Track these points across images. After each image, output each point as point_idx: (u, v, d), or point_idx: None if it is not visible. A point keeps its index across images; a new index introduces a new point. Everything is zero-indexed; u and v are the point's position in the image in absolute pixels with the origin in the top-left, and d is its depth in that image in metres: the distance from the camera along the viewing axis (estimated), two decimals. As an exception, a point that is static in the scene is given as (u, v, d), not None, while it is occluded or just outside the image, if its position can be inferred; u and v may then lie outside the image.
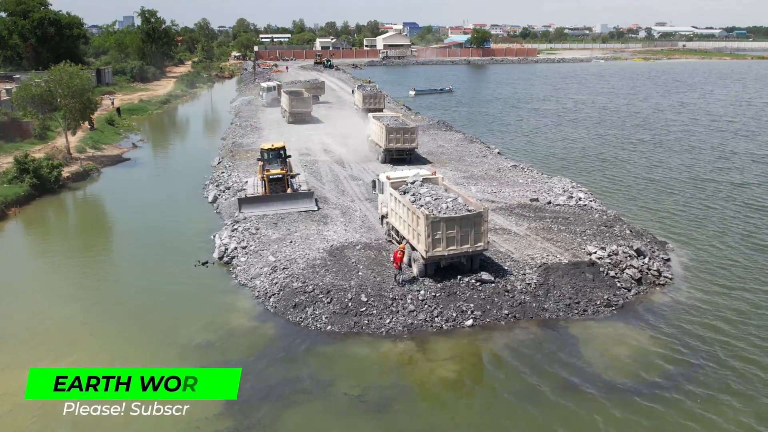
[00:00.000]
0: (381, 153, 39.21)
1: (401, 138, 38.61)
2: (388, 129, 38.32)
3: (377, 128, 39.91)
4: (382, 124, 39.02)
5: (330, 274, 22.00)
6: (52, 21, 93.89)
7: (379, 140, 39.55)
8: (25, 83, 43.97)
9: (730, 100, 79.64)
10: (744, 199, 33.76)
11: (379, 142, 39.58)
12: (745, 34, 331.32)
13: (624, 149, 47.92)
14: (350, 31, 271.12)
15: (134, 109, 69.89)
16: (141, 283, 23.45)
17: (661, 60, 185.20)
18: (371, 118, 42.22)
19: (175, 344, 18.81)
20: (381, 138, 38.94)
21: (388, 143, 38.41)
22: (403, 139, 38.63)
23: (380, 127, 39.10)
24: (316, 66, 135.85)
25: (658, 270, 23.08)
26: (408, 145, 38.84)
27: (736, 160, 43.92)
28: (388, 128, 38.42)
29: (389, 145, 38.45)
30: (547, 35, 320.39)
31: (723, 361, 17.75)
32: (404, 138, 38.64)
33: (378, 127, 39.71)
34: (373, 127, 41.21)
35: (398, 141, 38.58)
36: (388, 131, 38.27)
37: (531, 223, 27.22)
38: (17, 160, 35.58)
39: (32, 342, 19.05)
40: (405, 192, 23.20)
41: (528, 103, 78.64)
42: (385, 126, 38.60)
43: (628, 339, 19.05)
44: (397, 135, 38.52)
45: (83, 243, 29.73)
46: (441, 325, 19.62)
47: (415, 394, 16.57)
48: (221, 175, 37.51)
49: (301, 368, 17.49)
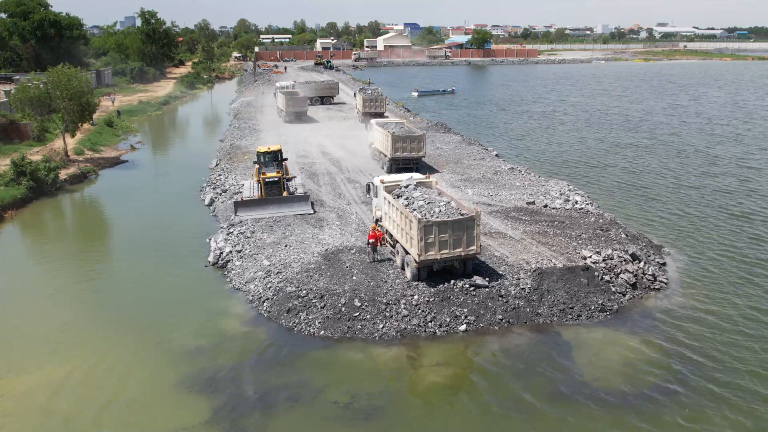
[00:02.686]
0: (386, 162, 37.44)
1: (408, 147, 36.77)
2: (394, 137, 36.43)
3: (382, 136, 38.14)
4: (388, 132, 37.13)
5: (324, 279, 21.96)
6: (52, 22, 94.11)
7: (384, 149, 37.88)
8: (23, 85, 43.93)
9: (722, 104, 79.34)
10: (742, 204, 33.64)
11: (384, 151, 37.90)
12: (747, 34, 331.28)
13: (624, 150, 47.79)
14: (351, 32, 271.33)
15: (133, 111, 69.95)
16: (135, 287, 23.43)
17: (661, 61, 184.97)
18: (374, 125, 40.45)
19: (166, 349, 18.79)
20: (386, 147, 37.16)
21: (394, 152, 36.56)
22: (410, 147, 36.82)
23: (385, 135, 37.25)
24: (317, 67, 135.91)
25: (653, 275, 23.02)
26: (415, 154, 37.03)
27: (735, 164, 43.77)
28: (395, 136, 36.54)
29: (395, 154, 36.59)
30: (548, 36, 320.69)
31: (717, 368, 17.67)
32: (411, 147, 36.83)
33: (383, 135, 37.89)
34: (376, 135, 39.49)
35: (405, 150, 36.73)
36: (394, 140, 36.38)
37: (527, 226, 27.16)
38: (14, 162, 35.59)
39: (24, 346, 19.04)
40: (398, 196, 23.18)
41: (527, 105, 78.51)
42: (391, 134, 36.71)
43: (621, 344, 18.98)
44: (403, 143, 36.68)
45: (79, 246, 29.72)
46: (434, 330, 19.56)
47: (406, 401, 16.52)
48: (218, 178, 37.51)
49: (292, 374, 17.44)
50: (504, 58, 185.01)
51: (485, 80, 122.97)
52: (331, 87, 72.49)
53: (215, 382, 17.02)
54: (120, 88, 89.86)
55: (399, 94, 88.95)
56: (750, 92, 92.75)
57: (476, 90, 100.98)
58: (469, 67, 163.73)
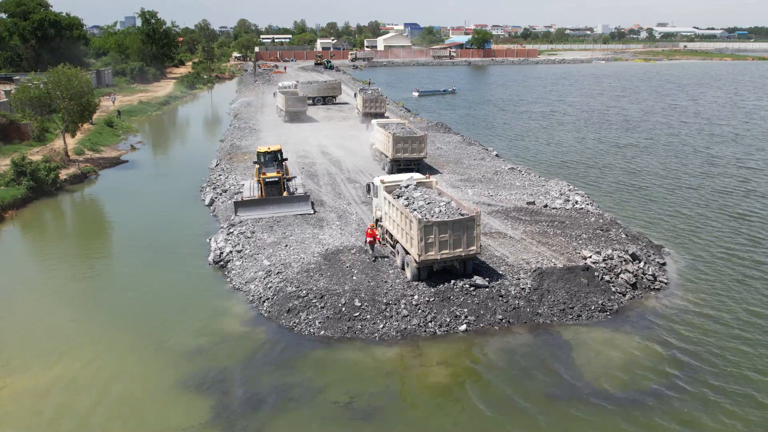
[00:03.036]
0: (387, 163, 37.35)
1: (409, 147, 36.70)
2: (395, 138, 36.36)
3: (383, 137, 38.10)
4: (389, 133, 37.11)
5: (324, 279, 21.97)
6: (53, 22, 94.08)
7: (385, 150, 37.83)
8: (23, 85, 43.94)
9: (722, 104, 79.32)
10: (742, 205, 33.65)
11: (385, 152, 37.85)
12: (747, 34, 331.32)
13: (624, 150, 47.79)
14: (351, 32, 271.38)
15: (133, 111, 69.95)
16: (135, 287, 23.42)
17: (661, 61, 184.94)
18: (375, 126, 40.33)
19: (166, 349, 18.80)
20: (387, 148, 37.10)
21: (396, 153, 36.49)
22: (411, 148, 36.75)
23: (386, 135, 37.21)
24: (317, 67, 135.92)
25: (653, 275, 23.01)
26: (416, 154, 36.97)
27: (735, 165, 43.78)
28: (396, 137, 36.45)
29: (397, 155, 36.51)
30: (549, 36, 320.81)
31: (717, 369, 17.66)
32: (412, 147, 36.75)
33: (384, 135, 37.84)
34: (377, 136, 39.44)
35: (406, 151, 36.66)
36: (395, 140, 36.30)
37: (527, 226, 27.16)
38: (14, 162, 35.60)
39: (24, 346, 19.05)
40: (398, 196, 23.18)
41: (527, 105, 78.51)
42: (392, 135, 36.64)
43: (621, 345, 18.97)
44: (404, 144, 36.59)
45: (79, 246, 29.72)
46: (434, 330, 19.57)
47: (405, 401, 16.52)
48: (218, 178, 37.52)
49: (291, 375, 17.43)
50: (504, 58, 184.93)
51: (485, 80, 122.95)
52: (334, 87, 72.25)
53: (215, 382, 17.02)
54: (120, 88, 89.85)
55: (399, 94, 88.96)
56: (750, 92, 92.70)
57: (476, 90, 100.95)
58: (469, 67, 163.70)
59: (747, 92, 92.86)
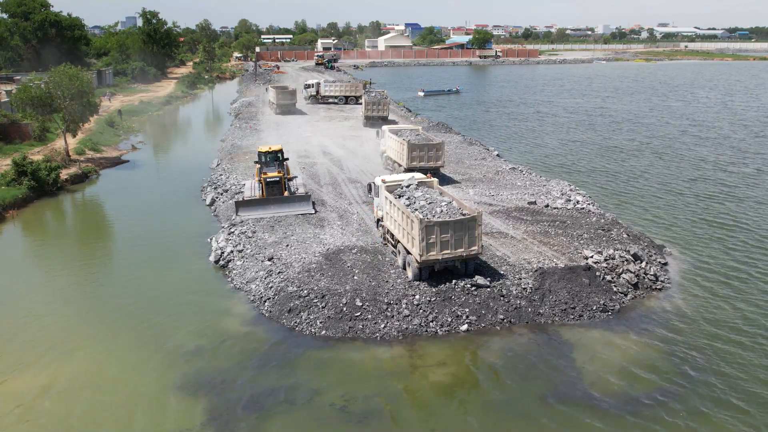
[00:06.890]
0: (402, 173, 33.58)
1: (425, 156, 34.12)
2: (410, 146, 33.83)
3: (396, 144, 35.41)
4: (403, 140, 34.52)
5: (325, 279, 21.93)
6: (53, 22, 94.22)
7: (398, 158, 35.18)
8: (24, 85, 43.95)
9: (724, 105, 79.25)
10: (743, 205, 33.59)
11: (398, 161, 35.23)
12: (748, 35, 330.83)
13: (625, 151, 47.75)
14: (352, 32, 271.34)
15: (134, 111, 69.96)
16: (136, 287, 23.41)
17: (662, 61, 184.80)
18: (387, 132, 37.56)
19: (166, 349, 18.76)
20: (402, 156, 34.47)
21: (411, 162, 33.70)
22: (428, 156, 34.16)
23: (400, 143, 34.66)
24: (318, 67, 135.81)
25: (655, 275, 22.97)
26: (433, 163, 34.21)
27: (737, 166, 43.72)
28: (411, 145, 33.92)
29: (412, 164, 33.62)
30: (550, 36, 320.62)
31: (718, 370, 17.61)
32: (429, 156, 34.18)
33: (397, 143, 35.21)
34: (390, 143, 36.64)
35: (422, 159, 34.01)
36: (410, 148, 33.77)
37: (528, 226, 27.12)
38: (15, 162, 35.61)
39: (25, 346, 19.03)
40: (400, 196, 23.15)
41: (528, 105, 78.43)
42: (407, 142, 34.06)
43: (623, 345, 18.93)
44: (420, 152, 34.04)
45: (80, 246, 29.71)
46: (436, 330, 19.53)
47: (405, 402, 16.46)
48: (219, 178, 37.49)
49: (291, 376, 17.38)
50: (505, 59, 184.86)
51: (486, 80, 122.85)
52: (357, 87, 68.90)
53: (214, 383, 16.98)
54: (121, 88, 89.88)
55: (401, 94, 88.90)
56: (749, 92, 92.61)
57: (476, 90, 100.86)
58: (470, 67, 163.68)
59: (745, 92, 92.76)
